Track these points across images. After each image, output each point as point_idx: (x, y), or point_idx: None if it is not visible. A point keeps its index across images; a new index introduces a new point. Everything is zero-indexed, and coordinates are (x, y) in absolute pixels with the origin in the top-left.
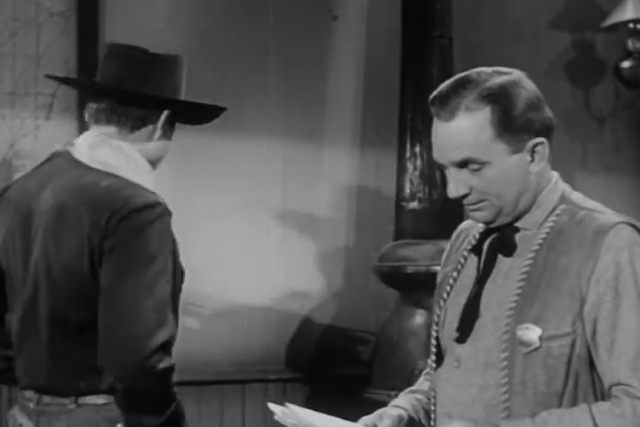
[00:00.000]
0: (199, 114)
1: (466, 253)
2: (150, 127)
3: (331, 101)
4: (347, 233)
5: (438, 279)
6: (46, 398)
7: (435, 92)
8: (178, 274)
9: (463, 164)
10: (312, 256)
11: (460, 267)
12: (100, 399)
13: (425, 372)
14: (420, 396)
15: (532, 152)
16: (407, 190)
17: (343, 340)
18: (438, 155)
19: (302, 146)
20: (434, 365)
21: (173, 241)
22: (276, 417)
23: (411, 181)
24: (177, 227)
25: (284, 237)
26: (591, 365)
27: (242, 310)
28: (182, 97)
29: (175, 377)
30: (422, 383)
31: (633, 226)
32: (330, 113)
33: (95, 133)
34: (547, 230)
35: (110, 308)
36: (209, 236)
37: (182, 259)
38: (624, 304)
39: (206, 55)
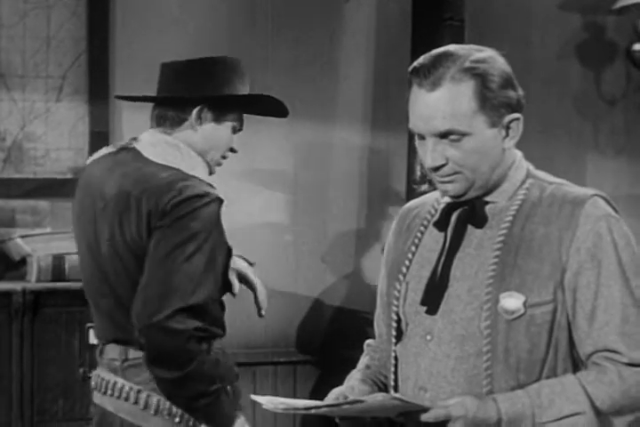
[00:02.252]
0: (258, 105)
1: (423, 229)
2: (187, 123)
3: (342, 84)
4: (358, 215)
5: (385, 258)
6: (132, 353)
7: (416, 63)
8: (222, 253)
9: (445, 134)
10: (323, 238)
11: (417, 241)
12: None
13: (367, 352)
14: (369, 371)
15: (507, 128)
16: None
17: (353, 322)
18: (420, 125)
19: (313, 128)
20: (394, 340)
21: (219, 225)
22: (264, 406)
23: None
24: None
25: (294, 219)
26: (570, 333)
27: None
28: (237, 92)
29: None
30: (371, 360)
31: (604, 198)
32: (341, 95)
33: (152, 133)
34: (518, 202)
35: (149, 273)
36: None
37: None
38: (605, 272)
39: (215, 39)
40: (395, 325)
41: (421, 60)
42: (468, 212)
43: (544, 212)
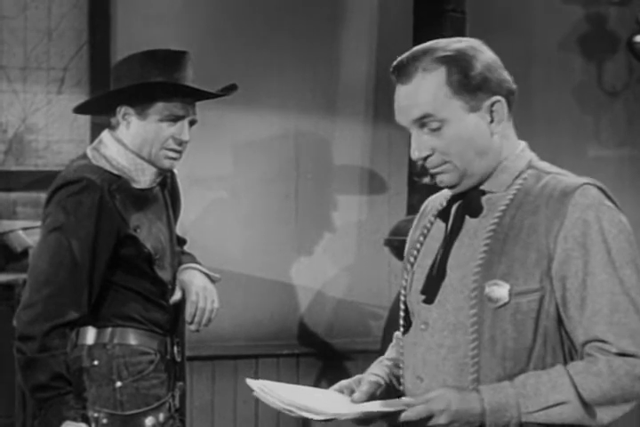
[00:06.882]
0: (178, 91)
1: (432, 219)
2: (121, 124)
3: (343, 75)
4: (359, 207)
5: (406, 248)
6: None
7: (395, 61)
8: (81, 243)
9: (423, 122)
10: (325, 230)
11: (426, 232)
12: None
13: (394, 342)
14: (389, 363)
15: (491, 112)
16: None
17: (355, 314)
18: (399, 116)
19: (315, 120)
20: (402, 329)
21: (100, 215)
22: (254, 393)
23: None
24: (186, 201)
25: (296, 211)
26: (559, 322)
27: (254, 284)
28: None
29: (189, 352)
30: (390, 352)
31: (598, 187)
32: (342, 87)
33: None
34: (513, 192)
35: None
36: (221, 210)
37: (197, 233)
38: (593, 261)
39: (217, 30)
40: (403, 314)
41: (401, 56)
42: (465, 202)
43: (535, 201)
